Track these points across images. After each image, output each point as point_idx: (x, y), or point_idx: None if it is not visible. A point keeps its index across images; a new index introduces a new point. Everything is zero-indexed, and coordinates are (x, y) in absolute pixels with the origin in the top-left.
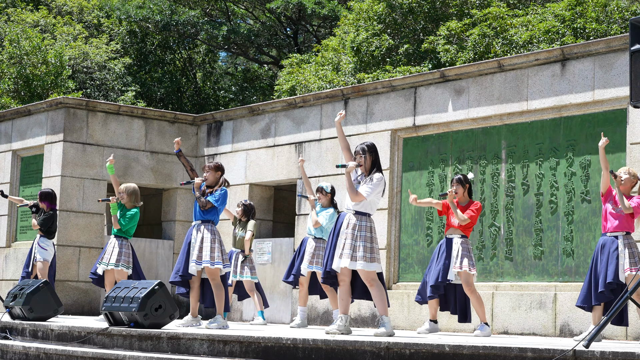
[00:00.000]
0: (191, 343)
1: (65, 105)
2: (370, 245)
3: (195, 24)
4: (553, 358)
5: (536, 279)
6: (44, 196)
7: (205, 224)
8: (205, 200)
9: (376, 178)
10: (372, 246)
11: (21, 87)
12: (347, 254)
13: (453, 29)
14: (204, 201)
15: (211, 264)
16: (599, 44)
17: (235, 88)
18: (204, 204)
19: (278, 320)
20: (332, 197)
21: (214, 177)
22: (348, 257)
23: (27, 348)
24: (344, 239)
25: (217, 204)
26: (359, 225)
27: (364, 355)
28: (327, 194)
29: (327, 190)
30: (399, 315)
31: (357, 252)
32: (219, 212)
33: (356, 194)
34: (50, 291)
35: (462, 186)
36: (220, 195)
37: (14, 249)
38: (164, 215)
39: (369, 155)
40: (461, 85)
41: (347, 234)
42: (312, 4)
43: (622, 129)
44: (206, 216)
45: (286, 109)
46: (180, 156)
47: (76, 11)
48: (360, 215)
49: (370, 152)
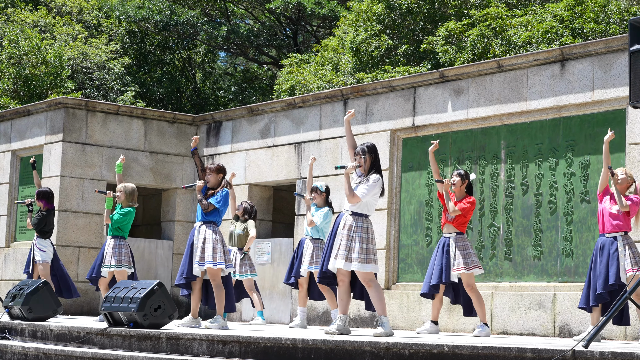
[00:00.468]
0: (190, 343)
1: (64, 105)
2: (366, 246)
3: (195, 24)
4: (552, 358)
5: (535, 279)
6: (40, 195)
7: (207, 225)
8: (207, 203)
9: (372, 179)
10: (367, 247)
11: (20, 87)
12: (342, 254)
13: (452, 30)
14: (205, 204)
15: (213, 265)
16: (598, 44)
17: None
18: (206, 207)
19: (277, 320)
20: (327, 197)
21: (216, 179)
22: (343, 257)
23: (26, 348)
24: (339, 240)
25: (218, 206)
26: (356, 226)
27: (363, 356)
28: (322, 194)
29: (321, 190)
30: (398, 315)
31: (353, 253)
32: (221, 213)
33: (353, 195)
34: (50, 291)
35: (461, 180)
36: (221, 197)
37: (13, 249)
38: (163, 216)
39: (369, 156)
40: (460, 85)
41: (342, 235)
42: (311, 4)
43: (621, 129)
44: (208, 217)
45: (285, 109)
46: (195, 154)
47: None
48: (357, 216)
49: (370, 153)
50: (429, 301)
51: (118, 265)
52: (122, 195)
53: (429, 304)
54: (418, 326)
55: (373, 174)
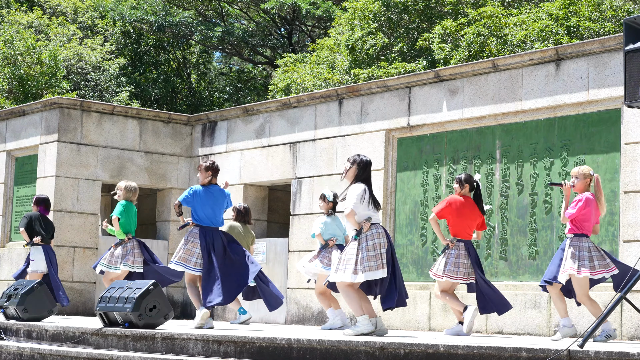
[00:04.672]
0: (186, 343)
1: (59, 105)
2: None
3: (190, 25)
4: (547, 358)
5: (531, 278)
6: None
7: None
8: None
9: (352, 187)
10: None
11: (15, 87)
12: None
13: (448, 28)
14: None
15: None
16: (593, 44)
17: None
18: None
19: (272, 320)
20: (334, 206)
21: (204, 177)
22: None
23: (21, 348)
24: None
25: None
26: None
27: (359, 355)
28: (329, 203)
29: (329, 199)
30: (394, 315)
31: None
32: (194, 211)
33: (347, 215)
34: (45, 291)
35: (460, 186)
36: (185, 195)
37: (9, 249)
38: (158, 216)
39: (355, 167)
40: (455, 85)
41: (346, 251)
42: (306, 4)
43: (616, 129)
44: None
45: (280, 109)
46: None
47: (70, 12)
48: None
49: (358, 167)
50: (424, 301)
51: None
52: (122, 194)
53: (425, 304)
54: (413, 326)
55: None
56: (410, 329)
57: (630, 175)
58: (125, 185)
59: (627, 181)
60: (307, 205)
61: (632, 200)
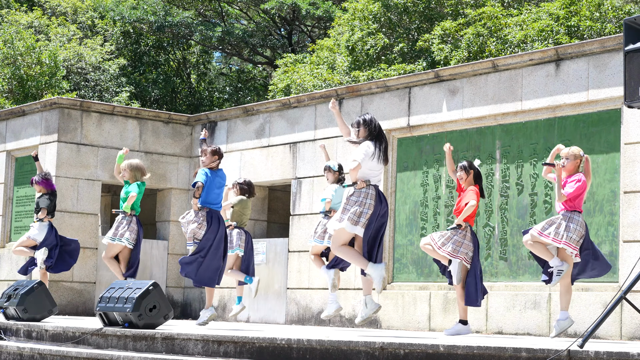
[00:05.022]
0: (185, 343)
1: (59, 105)
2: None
3: (190, 25)
4: (547, 358)
5: (530, 279)
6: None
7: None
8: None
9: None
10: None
11: (15, 87)
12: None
13: (447, 29)
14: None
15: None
16: (593, 44)
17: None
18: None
19: (272, 320)
20: (339, 175)
21: (210, 160)
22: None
23: (21, 348)
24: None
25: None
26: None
27: (359, 356)
28: (335, 172)
29: (334, 169)
30: (393, 315)
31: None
32: (206, 192)
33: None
34: (45, 292)
35: (465, 172)
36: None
37: (8, 249)
38: (158, 216)
39: (363, 128)
40: (455, 85)
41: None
42: (306, 4)
43: (616, 129)
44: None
45: (280, 109)
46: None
47: (70, 12)
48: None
49: (365, 125)
50: (424, 301)
51: (113, 238)
52: (127, 173)
53: (425, 304)
54: (413, 326)
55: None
56: (410, 329)
57: (630, 175)
58: (127, 165)
59: (627, 181)
60: (307, 205)
61: (632, 200)
